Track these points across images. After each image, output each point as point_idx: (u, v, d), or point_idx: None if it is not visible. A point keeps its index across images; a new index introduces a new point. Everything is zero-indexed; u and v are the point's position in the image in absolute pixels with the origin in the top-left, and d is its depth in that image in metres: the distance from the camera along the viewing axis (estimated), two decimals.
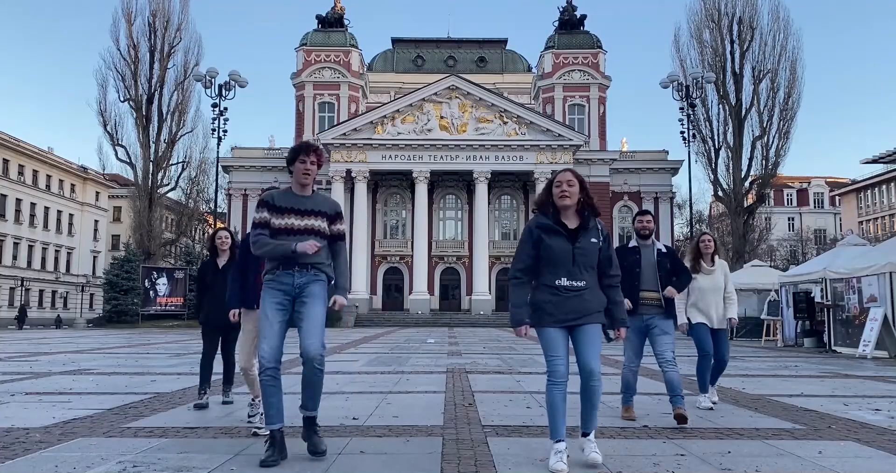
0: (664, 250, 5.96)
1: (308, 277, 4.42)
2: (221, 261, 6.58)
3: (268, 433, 4.31)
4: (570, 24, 57.69)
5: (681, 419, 5.50)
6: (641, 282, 5.75)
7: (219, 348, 6.65)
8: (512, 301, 4.23)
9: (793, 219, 76.14)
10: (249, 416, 5.58)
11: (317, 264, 4.45)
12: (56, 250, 62.23)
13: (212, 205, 45.04)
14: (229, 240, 6.66)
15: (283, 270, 4.41)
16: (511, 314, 4.20)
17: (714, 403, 6.70)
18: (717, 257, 6.80)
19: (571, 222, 4.18)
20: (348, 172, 50.29)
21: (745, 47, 44.87)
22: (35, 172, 59.03)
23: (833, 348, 17.01)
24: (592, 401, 4.16)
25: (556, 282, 4.10)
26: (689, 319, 6.59)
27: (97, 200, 68.40)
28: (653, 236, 6.00)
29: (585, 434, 4.18)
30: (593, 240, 4.17)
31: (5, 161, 55.37)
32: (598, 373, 4.11)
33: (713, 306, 6.65)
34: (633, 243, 5.97)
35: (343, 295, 4.52)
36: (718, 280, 6.71)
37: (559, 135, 50.30)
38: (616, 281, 4.30)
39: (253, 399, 5.52)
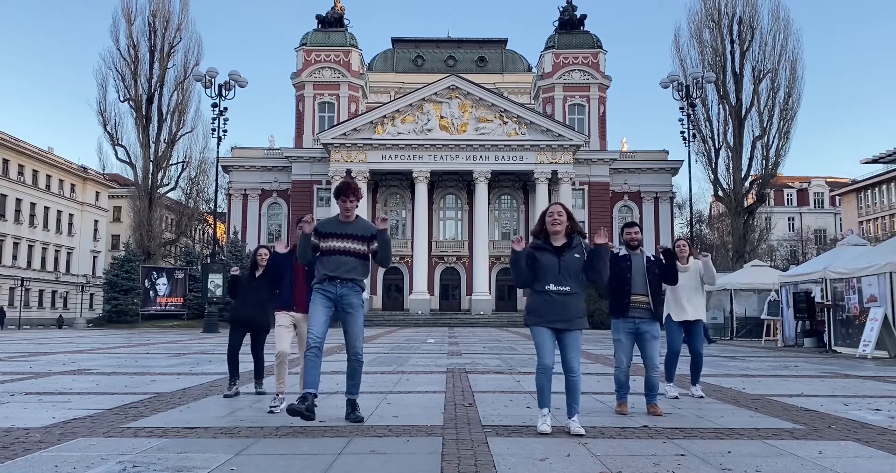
0: (651, 258, 6.45)
1: (348, 289, 5.61)
2: (258, 272, 7.42)
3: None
4: (570, 24, 57.68)
5: (656, 415, 6.05)
6: (632, 286, 6.22)
7: (243, 345, 7.49)
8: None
9: (793, 219, 76.14)
10: (271, 406, 6.22)
11: (355, 279, 5.62)
12: (56, 250, 62.22)
13: (212, 205, 45.06)
14: (268, 255, 7.45)
15: (328, 282, 5.59)
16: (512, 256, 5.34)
17: (700, 397, 7.31)
18: (691, 258, 7.51)
19: (558, 242, 5.29)
20: (348, 171, 50.26)
21: (745, 47, 44.89)
22: (35, 172, 59.02)
23: (833, 348, 17.01)
24: (574, 393, 5.25)
25: (546, 287, 5.17)
26: (668, 314, 7.30)
27: (97, 200, 68.38)
28: (640, 246, 6.47)
29: (570, 417, 5.21)
30: (577, 255, 5.24)
31: (5, 161, 55.36)
32: (577, 370, 5.25)
33: (685, 299, 7.33)
34: (623, 252, 6.37)
35: (387, 246, 5.71)
36: (692, 278, 7.38)
37: (559, 135, 50.29)
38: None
39: (277, 395, 6.31)
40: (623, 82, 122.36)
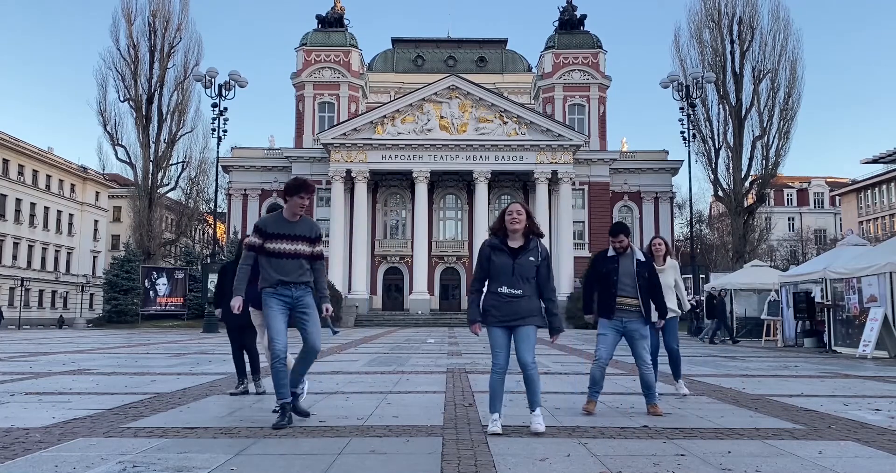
0: (643, 259, 6.32)
1: (302, 291, 5.52)
2: None
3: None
4: (570, 24, 57.69)
5: (656, 415, 5.97)
6: (619, 289, 6.15)
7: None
8: (469, 306, 5.41)
9: (793, 219, 76.14)
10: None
11: (308, 282, 5.55)
12: (56, 250, 62.22)
13: (212, 205, 45.07)
14: None
15: (283, 286, 5.45)
16: (468, 315, 5.39)
17: (684, 395, 7.28)
18: (668, 258, 7.44)
19: (516, 243, 5.25)
20: (348, 172, 50.29)
21: (745, 47, 44.89)
22: (35, 172, 59.02)
23: (833, 348, 17.00)
24: (532, 386, 5.29)
25: (498, 289, 5.20)
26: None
27: (97, 200, 68.38)
28: (630, 247, 6.32)
29: (532, 411, 5.22)
30: (531, 259, 5.22)
31: (5, 161, 55.37)
32: (531, 364, 5.23)
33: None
34: (611, 253, 6.30)
35: (328, 302, 5.68)
36: (667, 278, 7.27)
37: (559, 135, 50.29)
38: (550, 300, 5.31)
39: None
40: (623, 82, 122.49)
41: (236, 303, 5.61)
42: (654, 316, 6.38)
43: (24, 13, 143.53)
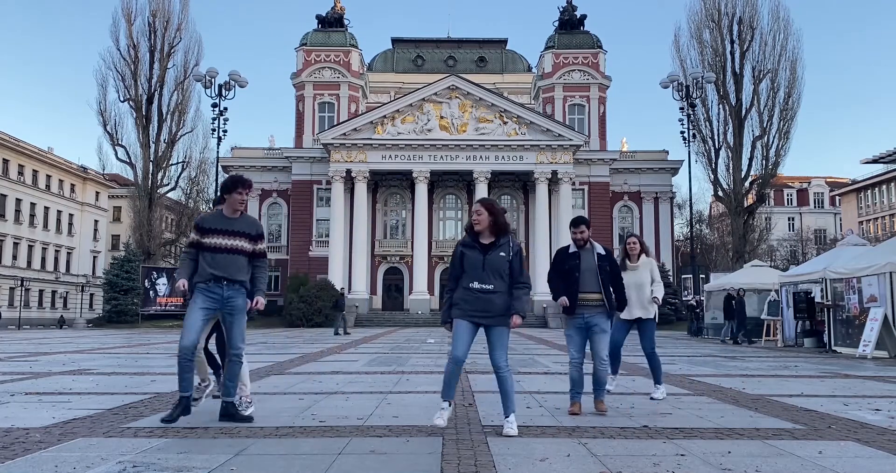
0: (603, 253, 6.31)
1: (234, 291, 5.47)
2: None
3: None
4: (570, 24, 57.67)
5: (601, 412, 6.11)
6: (581, 284, 6.13)
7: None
8: (443, 306, 5.48)
9: (793, 219, 76.15)
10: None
11: (240, 281, 5.48)
12: (56, 250, 62.22)
13: (211, 205, 44.98)
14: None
15: (215, 282, 5.41)
16: (441, 315, 5.51)
17: (656, 399, 7.08)
18: (643, 256, 7.41)
19: (486, 240, 5.29)
20: (348, 172, 50.29)
21: (745, 47, 44.90)
22: (35, 172, 59.02)
23: (833, 348, 17.00)
24: (504, 388, 5.23)
25: (470, 284, 5.21)
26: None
27: (97, 200, 68.38)
28: (590, 241, 6.32)
29: (506, 416, 5.15)
30: (502, 254, 5.23)
31: (5, 161, 55.36)
32: (503, 366, 5.23)
33: (633, 297, 7.12)
34: (572, 249, 6.29)
35: (262, 296, 5.63)
36: (641, 276, 7.28)
37: (559, 135, 50.28)
38: (521, 284, 5.28)
39: (201, 382, 6.08)
40: (623, 82, 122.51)
41: (180, 282, 5.57)
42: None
43: (24, 13, 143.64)
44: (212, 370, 6.61)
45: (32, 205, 58.65)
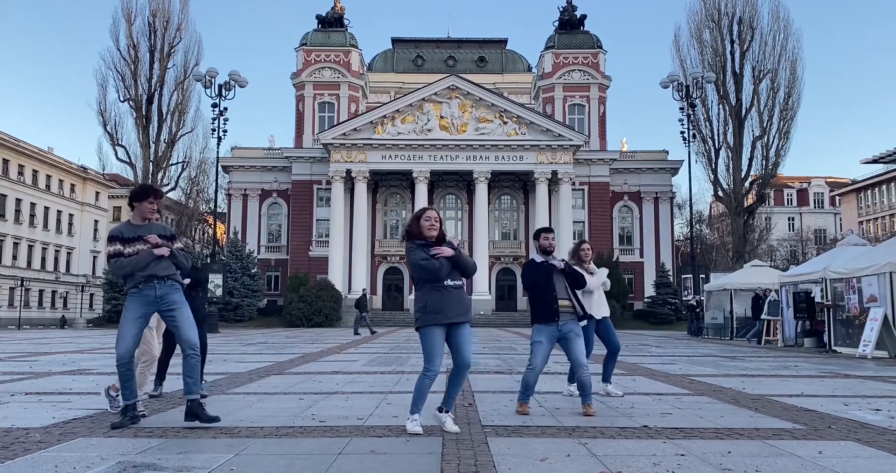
0: (557, 264, 6.40)
1: (167, 287, 5.50)
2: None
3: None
4: (570, 24, 57.69)
5: (588, 416, 6.01)
6: (557, 292, 6.18)
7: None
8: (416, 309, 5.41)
9: (793, 219, 76.15)
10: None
11: (171, 276, 5.54)
12: (56, 250, 62.19)
13: (211, 205, 45.05)
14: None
15: (146, 284, 5.45)
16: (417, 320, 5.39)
17: (608, 394, 7.35)
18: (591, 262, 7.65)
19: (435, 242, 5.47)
20: (348, 172, 50.29)
21: (745, 47, 44.94)
22: (35, 172, 58.99)
23: (833, 348, 17.00)
24: (459, 387, 5.37)
25: (445, 282, 5.26)
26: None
27: (97, 200, 68.36)
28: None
29: (446, 411, 5.29)
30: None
31: (5, 161, 55.33)
32: (470, 364, 5.35)
33: (593, 299, 7.38)
34: (540, 259, 6.33)
35: (173, 250, 5.56)
36: (599, 278, 7.50)
37: (559, 135, 50.29)
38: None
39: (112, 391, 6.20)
40: (623, 82, 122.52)
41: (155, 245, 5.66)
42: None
43: (24, 13, 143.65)
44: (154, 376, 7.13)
45: (32, 205, 58.61)
